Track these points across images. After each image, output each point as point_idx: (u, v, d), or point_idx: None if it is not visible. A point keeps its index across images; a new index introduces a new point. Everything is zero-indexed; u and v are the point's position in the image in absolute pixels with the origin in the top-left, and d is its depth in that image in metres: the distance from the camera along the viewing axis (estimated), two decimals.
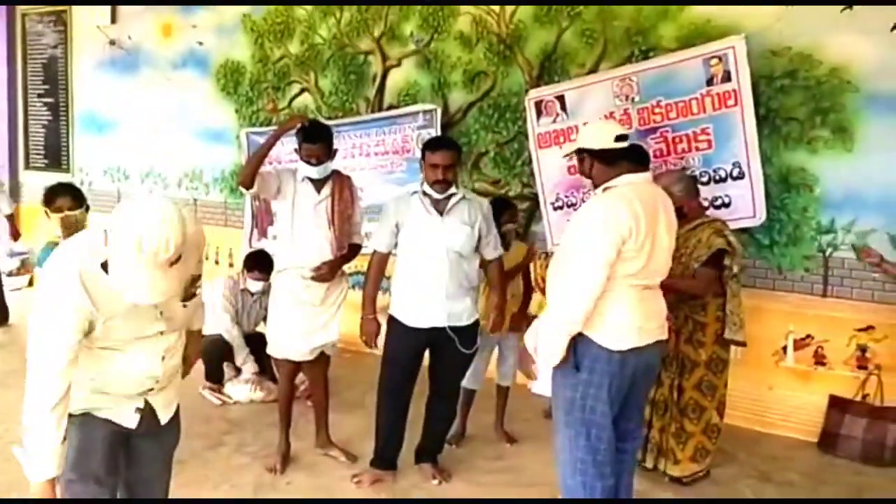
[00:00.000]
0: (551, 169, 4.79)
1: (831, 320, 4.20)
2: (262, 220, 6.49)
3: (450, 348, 3.42)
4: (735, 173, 4.20)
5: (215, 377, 4.86)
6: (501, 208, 3.88)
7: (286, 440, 3.79)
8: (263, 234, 6.47)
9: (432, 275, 3.35)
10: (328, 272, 3.51)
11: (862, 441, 3.98)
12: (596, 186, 2.82)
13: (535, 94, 4.84)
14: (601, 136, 2.83)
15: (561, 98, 4.73)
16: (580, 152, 2.86)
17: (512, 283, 3.94)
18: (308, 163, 3.50)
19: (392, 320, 3.48)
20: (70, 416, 2.05)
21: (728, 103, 4.16)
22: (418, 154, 5.42)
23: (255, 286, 4.87)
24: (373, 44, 5.81)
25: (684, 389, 3.59)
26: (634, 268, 2.65)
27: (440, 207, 3.39)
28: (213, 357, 4.82)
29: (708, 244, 3.49)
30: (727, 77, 4.15)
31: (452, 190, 3.40)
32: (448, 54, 5.42)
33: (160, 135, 7.10)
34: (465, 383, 3.89)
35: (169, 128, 7.03)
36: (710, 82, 4.21)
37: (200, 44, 6.75)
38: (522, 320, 4.05)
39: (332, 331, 3.67)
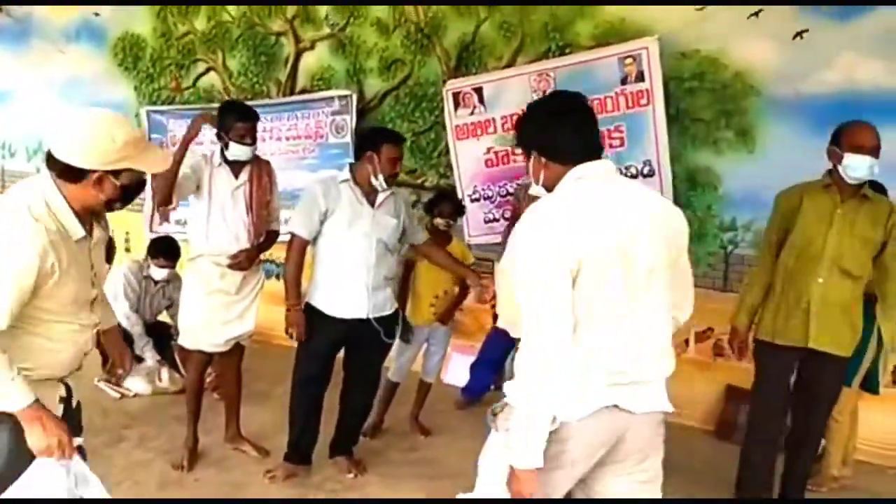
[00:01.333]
0: (469, 161, 4.80)
1: (730, 314, 4.40)
2: None
3: (371, 339, 3.39)
4: (646, 171, 4.33)
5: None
6: (439, 201, 3.93)
7: (194, 435, 3.64)
8: (165, 218, 6.17)
9: (359, 265, 3.30)
10: (246, 260, 3.39)
11: None
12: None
13: (453, 84, 4.82)
14: None
15: (479, 90, 4.74)
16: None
17: (444, 279, 3.93)
18: (241, 143, 3.36)
19: (311, 310, 3.37)
20: None
21: (641, 102, 4.29)
22: (332, 140, 5.40)
23: (160, 274, 4.66)
24: (285, 25, 5.64)
25: None
26: None
27: (371, 199, 3.35)
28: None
29: None
30: (640, 77, 4.27)
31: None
32: (364, 40, 5.33)
33: (51, 111, 6.65)
34: (389, 375, 3.86)
35: (61, 104, 6.60)
36: (624, 81, 4.33)
37: (97, 14, 6.36)
38: (452, 315, 4.07)
39: (248, 321, 3.55)
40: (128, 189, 2.00)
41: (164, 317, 4.97)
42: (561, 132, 2.00)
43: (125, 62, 6.33)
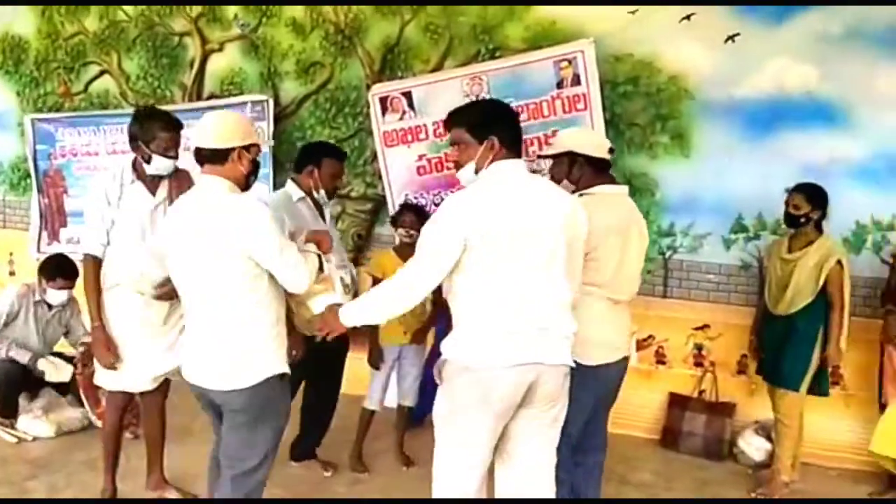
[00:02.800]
0: (399, 168, 4.54)
1: (671, 320, 4.37)
2: (53, 220, 5.63)
3: (334, 348, 3.08)
4: None
5: (7, 410, 4.07)
6: (401, 212, 3.77)
7: (112, 483, 3.24)
8: (55, 237, 5.61)
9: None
10: (173, 289, 3.00)
11: (703, 437, 4.17)
12: (576, 191, 2.75)
13: (379, 89, 4.56)
14: (598, 145, 2.87)
15: (408, 94, 4.49)
16: (571, 155, 2.78)
17: None
18: (166, 155, 3.01)
19: None
20: None
21: (578, 107, 4.17)
22: None
23: (58, 297, 4.18)
24: (189, 25, 5.22)
25: None
26: (602, 278, 2.63)
27: (322, 214, 3.26)
28: (2, 385, 4.06)
29: None
30: (577, 80, 4.16)
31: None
32: (279, 41, 4.99)
33: None
34: (365, 404, 3.73)
35: None
36: (560, 85, 4.20)
37: None
38: (426, 334, 3.82)
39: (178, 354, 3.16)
40: (255, 163, 2.51)
41: (63, 346, 4.46)
42: (517, 128, 2.43)
43: (5, 65, 5.74)
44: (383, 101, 4.55)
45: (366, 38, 4.78)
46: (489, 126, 2.35)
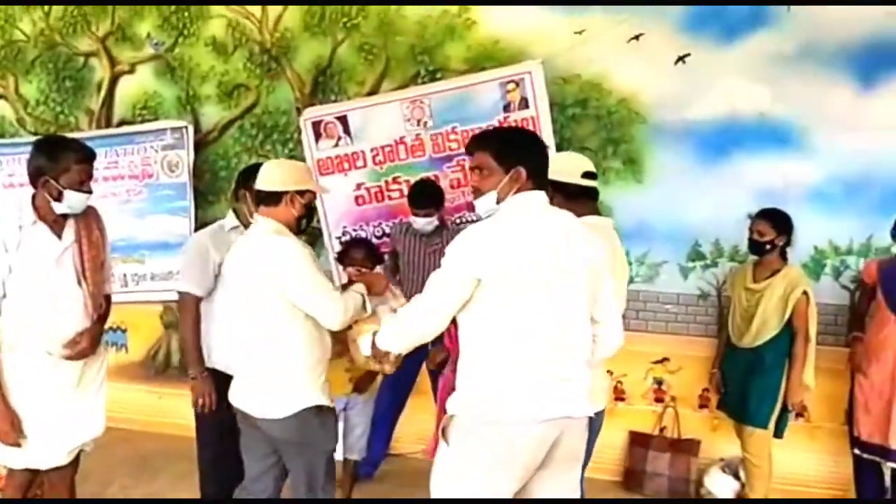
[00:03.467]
0: (336, 198, 4.18)
1: (628, 354, 4.03)
2: None
3: None
4: None
5: None
6: (348, 249, 3.42)
7: None
8: None
9: None
10: (88, 344, 2.60)
11: (667, 477, 3.94)
12: None
13: (311, 113, 4.21)
14: (569, 169, 2.67)
15: (343, 119, 4.16)
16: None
17: None
18: (81, 190, 2.64)
19: (215, 374, 2.99)
20: None
21: None
22: (163, 179, 4.57)
23: None
24: (96, 44, 4.75)
25: None
26: None
27: None
28: None
29: None
30: (525, 104, 3.92)
31: None
32: (198, 62, 4.58)
33: None
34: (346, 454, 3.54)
35: None
36: (507, 108, 3.95)
37: None
38: (371, 382, 3.47)
39: (97, 420, 2.82)
40: (309, 208, 2.65)
41: None
42: (545, 159, 2.26)
43: None
44: (316, 126, 4.20)
45: (294, 59, 4.42)
46: (518, 154, 2.18)
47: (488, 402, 2.08)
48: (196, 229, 4.16)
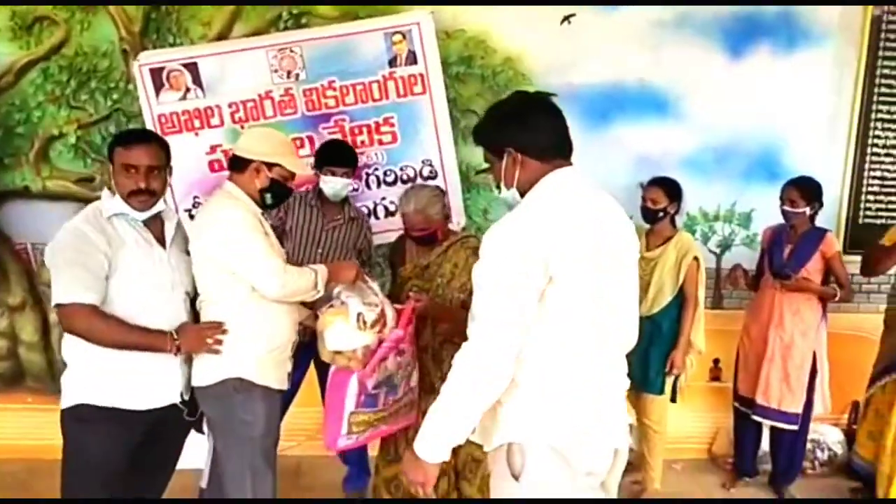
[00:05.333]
0: (184, 163, 3.40)
1: None
2: None
3: (176, 426, 2.49)
4: (426, 172, 3.62)
5: None
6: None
7: None
8: None
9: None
10: None
11: None
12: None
13: (150, 58, 3.45)
14: None
15: (193, 67, 3.45)
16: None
17: None
18: None
19: (88, 409, 2.34)
20: None
21: (415, 90, 3.55)
22: None
23: None
24: None
25: (460, 447, 2.92)
26: None
27: (157, 232, 2.38)
28: None
29: (468, 268, 2.84)
30: (413, 58, 3.52)
31: (160, 205, 2.39)
32: None
33: None
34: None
35: None
36: (392, 63, 3.52)
37: None
38: None
39: None
40: (281, 185, 2.53)
41: None
42: (543, 126, 1.89)
43: None
44: (157, 74, 3.45)
45: None
46: (500, 135, 1.88)
47: (557, 423, 1.77)
48: None
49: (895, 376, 3.55)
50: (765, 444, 3.85)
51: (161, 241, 2.41)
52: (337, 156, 3.22)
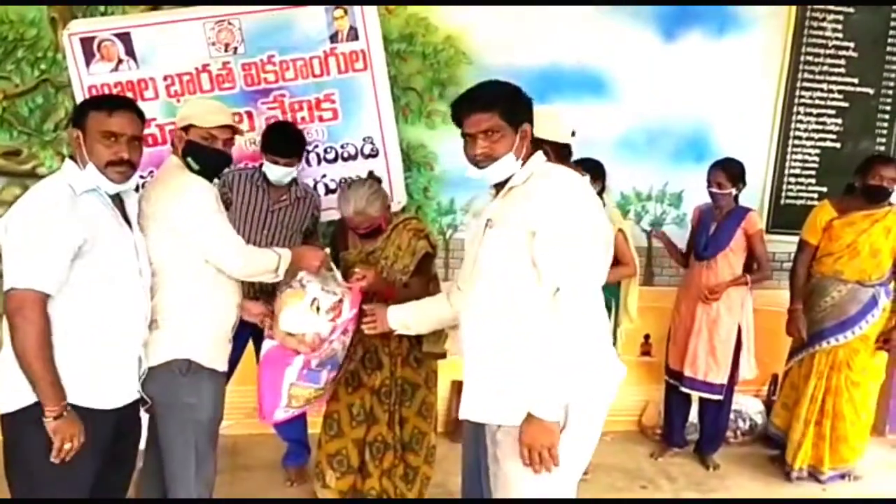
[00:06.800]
0: None
1: None
2: None
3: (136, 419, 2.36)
4: (367, 150, 3.60)
5: None
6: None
7: None
8: None
9: (130, 326, 2.24)
10: None
11: None
12: None
13: (80, 27, 3.31)
14: (559, 129, 2.48)
15: (125, 37, 3.34)
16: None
17: None
18: None
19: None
20: None
21: (356, 66, 3.51)
22: None
23: None
24: None
25: (406, 420, 3.00)
26: None
27: (123, 209, 2.23)
28: None
29: (411, 250, 2.90)
30: (354, 34, 3.49)
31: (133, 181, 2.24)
32: None
33: None
34: None
35: None
36: (333, 38, 3.48)
37: None
38: None
39: None
40: (203, 148, 2.43)
41: None
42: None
43: None
44: (87, 44, 3.32)
45: None
46: (523, 111, 2.07)
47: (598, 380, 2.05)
48: None
49: (811, 352, 3.78)
50: (692, 417, 4.04)
51: (126, 221, 2.22)
52: (280, 145, 3.17)
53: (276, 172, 3.18)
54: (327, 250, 2.95)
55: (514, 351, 1.99)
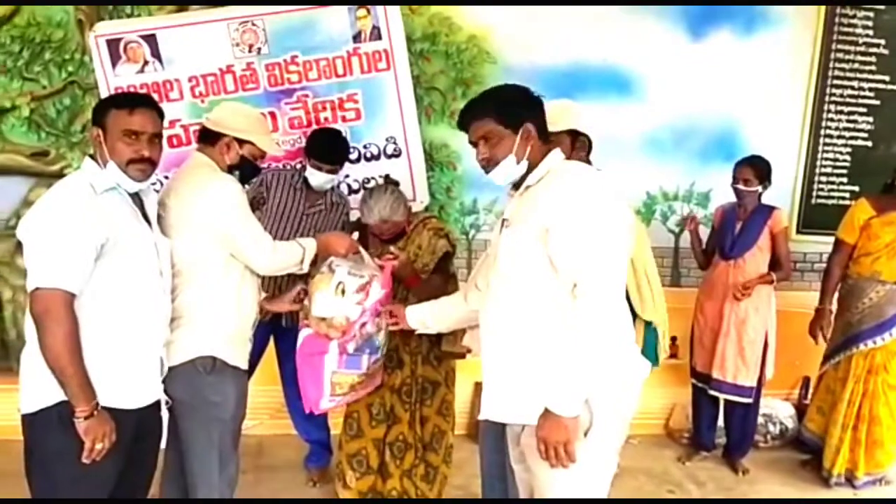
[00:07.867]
0: None
1: None
2: None
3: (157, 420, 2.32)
4: (390, 150, 3.59)
5: None
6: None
7: None
8: None
9: (152, 326, 2.22)
10: None
11: None
12: None
13: (106, 29, 3.34)
14: (569, 118, 2.52)
15: (151, 39, 3.36)
16: (574, 134, 2.46)
17: None
18: None
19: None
20: None
21: (379, 66, 3.50)
22: None
23: None
24: None
25: (427, 419, 2.98)
26: None
27: (143, 208, 2.20)
28: None
29: (431, 248, 2.89)
30: (377, 34, 3.48)
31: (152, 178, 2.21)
32: None
33: None
34: None
35: None
36: (357, 38, 3.48)
37: None
38: None
39: None
40: (250, 164, 2.52)
41: None
42: (543, 110, 2.10)
43: None
44: (113, 45, 3.35)
45: None
46: (520, 110, 2.03)
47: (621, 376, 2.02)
48: None
49: (847, 354, 3.69)
50: (719, 420, 3.96)
51: (146, 220, 2.19)
52: (325, 153, 3.18)
53: (319, 178, 3.19)
54: (355, 234, 2.96)
55: (534, 349, 1.96)
